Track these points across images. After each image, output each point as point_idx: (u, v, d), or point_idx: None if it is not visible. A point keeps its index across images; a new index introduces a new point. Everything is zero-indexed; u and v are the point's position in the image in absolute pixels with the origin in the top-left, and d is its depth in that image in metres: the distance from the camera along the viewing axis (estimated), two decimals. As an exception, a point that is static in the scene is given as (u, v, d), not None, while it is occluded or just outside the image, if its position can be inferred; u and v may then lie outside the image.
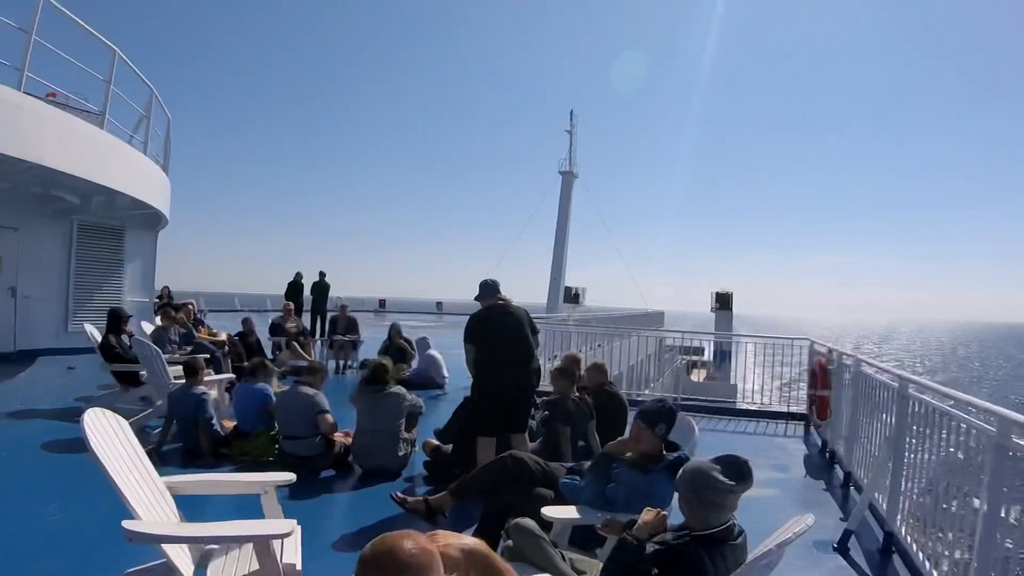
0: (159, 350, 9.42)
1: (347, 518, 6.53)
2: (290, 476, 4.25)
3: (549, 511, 4.47)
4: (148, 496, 3.54)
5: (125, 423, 3.80)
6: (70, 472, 7.49)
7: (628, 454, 4.74)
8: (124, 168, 13.34)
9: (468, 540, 2.32)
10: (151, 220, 18.21)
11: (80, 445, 8.22)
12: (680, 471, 3.36)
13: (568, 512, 4.55)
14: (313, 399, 7.81)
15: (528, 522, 3.90)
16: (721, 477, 3.22)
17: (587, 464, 5.16)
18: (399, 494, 5.85)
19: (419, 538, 1.83)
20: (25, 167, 11.01)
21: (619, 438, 5.04)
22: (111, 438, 3.55)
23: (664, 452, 4.66)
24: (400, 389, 7.98)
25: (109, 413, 3.71)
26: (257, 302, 49.05)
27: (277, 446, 8.03)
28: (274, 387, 9.00)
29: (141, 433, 8.80)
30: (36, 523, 5.81)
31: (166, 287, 20.25)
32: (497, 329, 7.10)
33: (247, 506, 4.89)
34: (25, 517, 5.98)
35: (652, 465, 4.57)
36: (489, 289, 7.31)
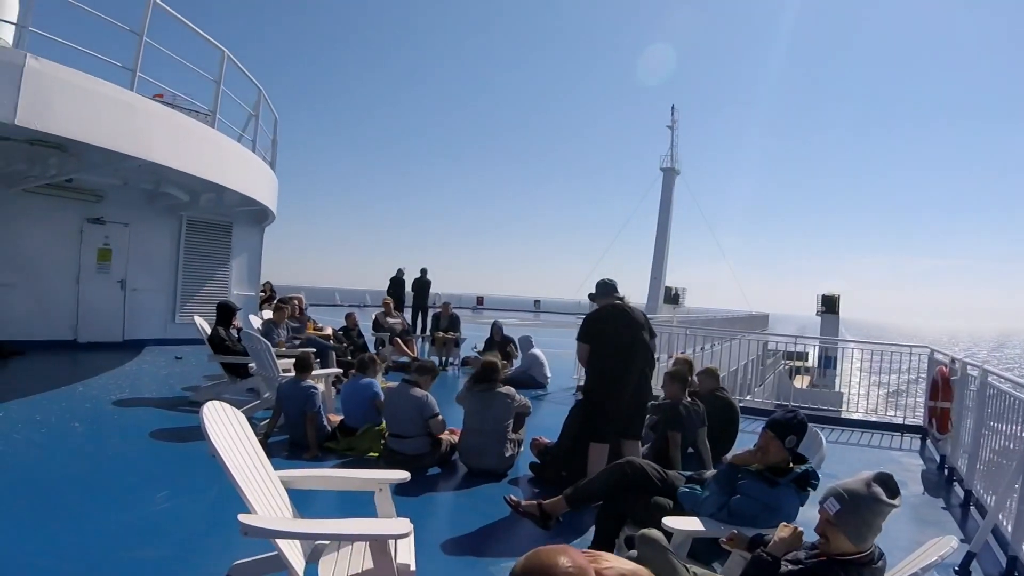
0: (269, 343, 9.59)
1: (454, 518, 6.47)
2: (404, 475, 4.22)
3: (670, 522, 4.37)
4: (263, 489, 3.57)
5: (242, 416, 3.85)
6: (177, 460, 7.72)
7: (754, 465, 4.63)
8: (234, 165, 13.68)
9: (629, 565, 2.18)
10: (258, 216, 18.67)
11: (187, 433, 8.57)
12: (837, 494, 3.14)
13: (690, 523, 4.45)
14: (424, 401, 7.77)
15: (656, 533, 3.80)
16: (885, 498, 3.07)
17: (707, 473, 5.06)
18: (512, 497, 5.77)
19: (575, 555, 1.73)
20: (137, 164, 11.37)
21: (745, 448, 4.88)
22: (229, 430, 3.60)
23: (791, 464, 4.54)
24: (509, 389, 7.90)
25: (226, 406, 3.76)
26: (357, 297, 49.86)
27: (383, 442, 8.06)
28: (380, 383, 9.06)
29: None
30: (144, 510, 5.95)
31: (268, 282, 20.69)
32: (613, 330, 6.90)
33: (354, 501, 4.94)
34: (134, 503, 6.13)
35: (778, 477, 4.46)
36: (606, 288, 7.14)
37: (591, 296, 7.21)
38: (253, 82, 15.10)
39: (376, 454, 8.05)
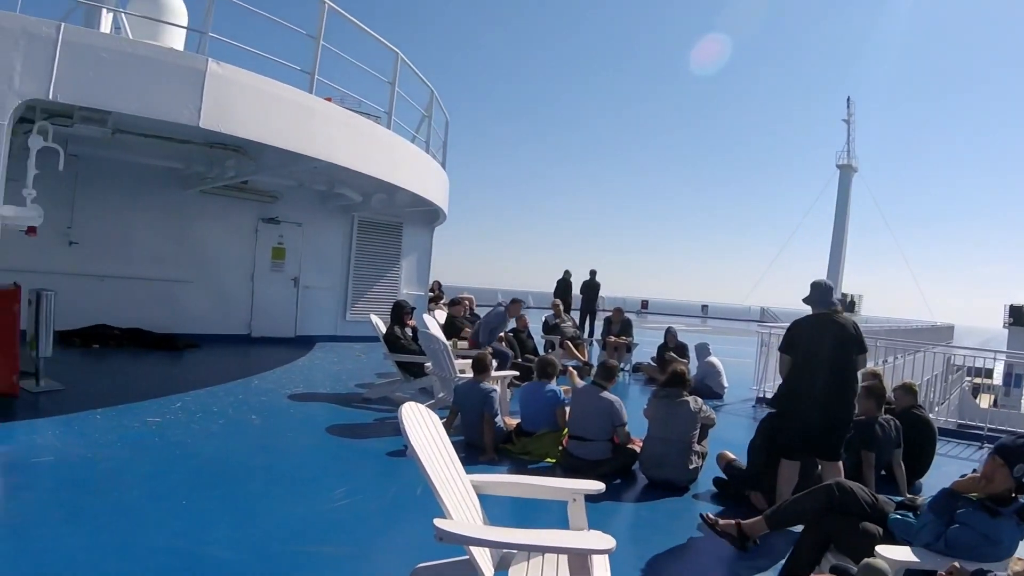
0: (447, 343, 9.66)
1: (636, 534, 6.23)
2: (599, 486, 4.07)
3: (884, 551, 4.09)
4: (457, 494, 3.54)
5: (436, 417, 3.83)
6: (353, 456, 7.88)
7: (974, 494, 4.28)
8: (408, 166, 13.94)
9: None
10: (429, 216, 19.03)
11: (361, 430, 8.72)
12: None
13: (904, 553, 4.17)
14: (613, 407, 7.62)
15: (880, 563, 3.59)
16: None
17: (920, 500, 4.73)
18: (710, 515, 5.56)
19: None
20: (314, 166, 11.74)
21: (969, 474, 4.50)
22: (426, 432, 3.59)
23: (1014, 495, 4.18)
24: (695, 398, 7.60)
25: (422, 407, 3.74)
26: (519, 298, 50.29)
27: (560, 447, 7.97)
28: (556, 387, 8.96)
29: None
30: (323, 506, 6.05)
31: (437, 281, 21.01)
32: (819, 342, 6.25)
33: (533, 507, 4.85)
34: (312, 499, 6.25)
35: (1001, 507, 4.11)
36: (821, 293, 6.41)
37: (805, 299, 6.53)
38: (425, 83, 15.36)
39: (553, 459, 7.95)
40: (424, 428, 3.58)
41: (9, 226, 7.83)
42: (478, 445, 8.19)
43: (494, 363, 9.80)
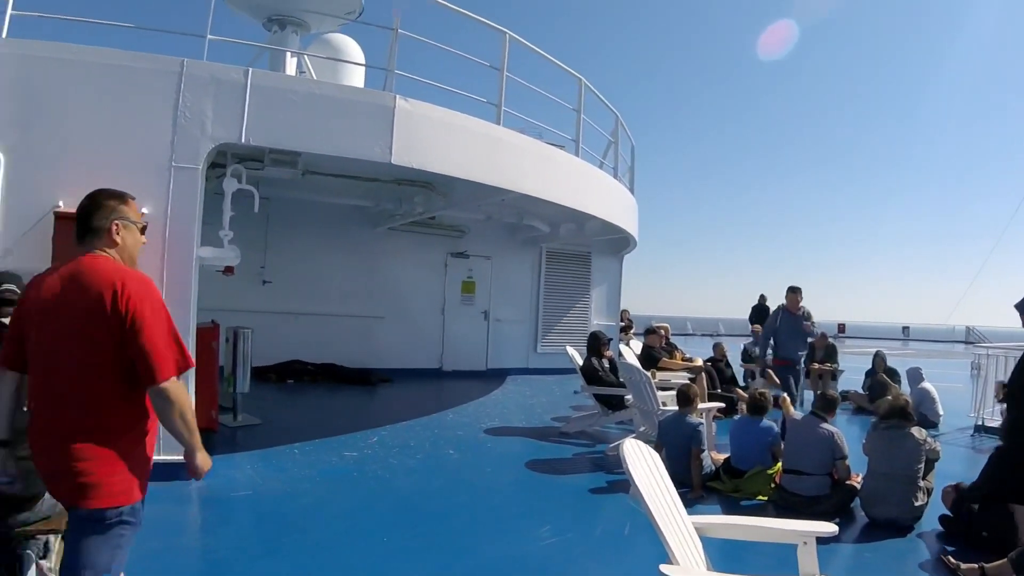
0: (648, 375, 9.40)
1: None
2: (831, 528, 3.77)
3: None
4: (680, 536, 3.34)
5: (656, 455, 3.66)
6: (555, 493, 7.72)
7: None
8: (598, 193, 13.81)
9: None
10: (618, 244, 18.83)
11: (561, 465, 8.59)
12: None
13: None
14: (834, 439, 7.15)
15: None
16: None
17: None
18: (951, 558, 5.20)
19: None
20: (502, 199, 11.79)
21: None
22: (648, 470, 3.41)
23: None
24: (920, 430, 7.02)
25: (641, 444, 3.58)
26: (710, 326, 49.32)
27: (773, 485, 7.55)
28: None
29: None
30: (529, 545, 5.92)
31: (626, 310, 20.73)
32: None
33: (748, 549, 4.56)
34: (518, 538, 6.14)
35: None
36: None
37: (1017, 305, 6.05)
38: (610, 109, 15.23)
39: (764, 497, 7.54)
40: (646, 466, 3.40)
41: (207, 266, 8.17)
42: (684, 482, 7.80)
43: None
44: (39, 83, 7.28)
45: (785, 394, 9.71)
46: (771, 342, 11.81)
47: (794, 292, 11.46)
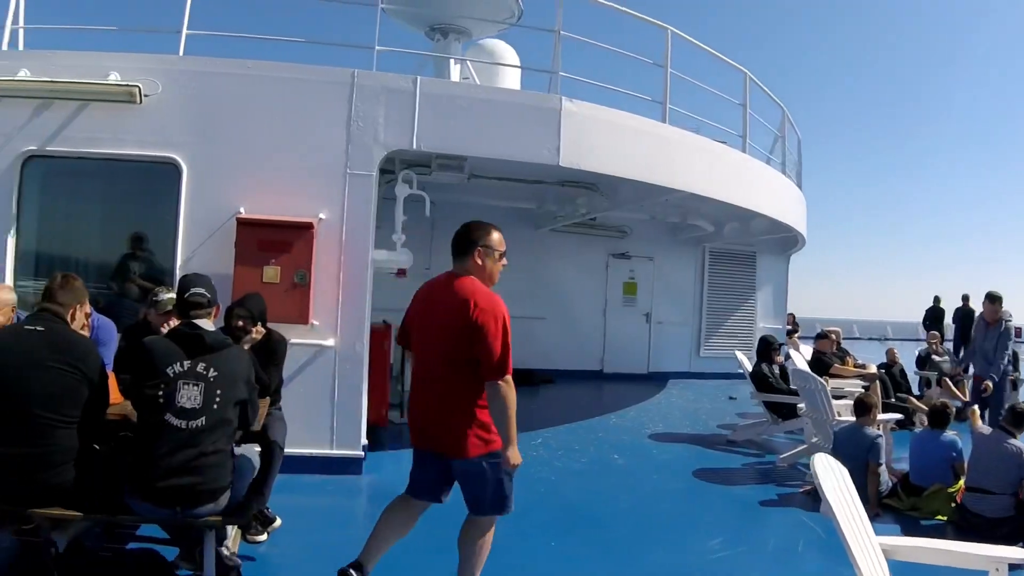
0: (824, 383, 9.06)
1: None
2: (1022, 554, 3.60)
3: None
4: (870, 558, 3.24)
5: (844, 471, 3.56)
6: (725, 504, 7.62)
7: None
8: (765, 190, 13.48)
9: None
10: (785, 243, 18.33)
11: (731, 476, 8.46)
12: None
13: None
14: (1021, 457, 6.70)
15: None
16: None
17: None
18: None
19: None
20: (665, 199, 11.67)
21: None
22: (838, 486, 3.33)
23: None
24: None
25: (831, 458, 3.50)
26: (877, 330, 47.45)
27: (954, 504, 7.14)
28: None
29: (793, 471, 8.75)
30: (699, 557, 5.83)
31: (791, 314, 20.16)
32: None
33: (936, 572, 4.34)
34: (687, 549, 6.07)
35: None
36: None
37: None
38: (776, 102, 14.88)
39: (944, 517, 7.15)
40: (837, 482, 3.31)
41: (381, 269, 8.45)
42: (861, 497, 7.52)
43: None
44: (218, 97, 7.76)
45: (976, 406, 9.19)
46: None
47: (992, 301, 10.68)
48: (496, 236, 4.58)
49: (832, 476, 3.29)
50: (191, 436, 4.19)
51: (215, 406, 4.26)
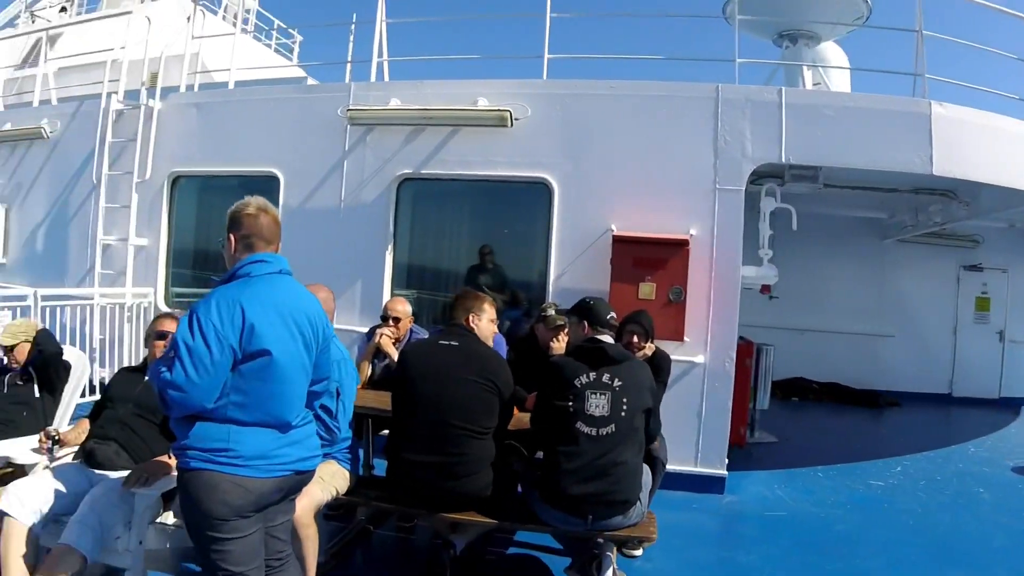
0: None
1: None
2: None
3: None
4: None
5: None
6: None
7: None
8: None
9: None
10: None
11: None
12: None
13: None
14: None
15: None
16: None
17: None
18: None
19: None
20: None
21: None
22: None
23: None
24: None
25: None
26: None
27: None
28: None
29: None
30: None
31: None
32: None
33: None
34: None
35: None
36: None
37: None
38: None
39: None
40: None
41: (747, 286, 8.43)
42: None
43: None
44: (584, 118, 8.12)
45: None
46: None
47: None
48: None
49: None
50: (603, 443, 4.43)
51: (623, 413, 4.48)
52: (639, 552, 5.82)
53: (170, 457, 4.41)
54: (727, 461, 7.90)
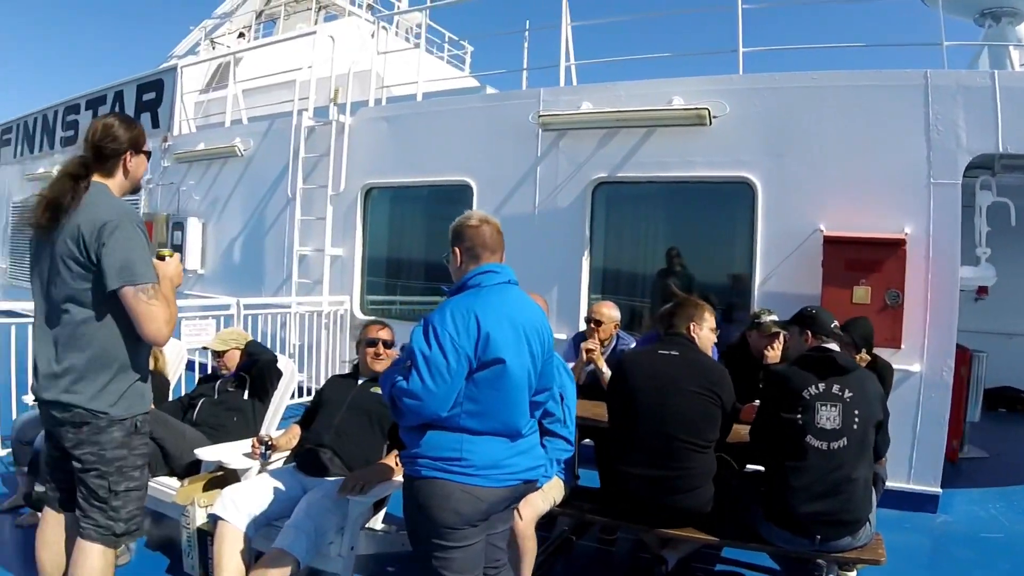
0: None
1: None
2: None
3: None
4: None
5: None
6: None
7: None
8: None
9: None
10: None
11: None
12: None
13: None
14: None
15: None
16: None
17: None
18: None
19: None
20: None
21: None
22: None
23: None
24: None
25: None
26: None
27: None
28: None
29: None
30: None
31: None
32: None
33: None
34: None
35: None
36: None
37: None
38: None
39: None
40: None
41: (963, 288, 7.98)
42: None
43: None
44: (787, 112, 7.77)
45: None
46: None
47: None
48: None
49: None
50: (834, 457, 4.27)
51: (855, 426, 4.30)
52: (853, 574, 5.63)
53: (398, 465, 4.50)
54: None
